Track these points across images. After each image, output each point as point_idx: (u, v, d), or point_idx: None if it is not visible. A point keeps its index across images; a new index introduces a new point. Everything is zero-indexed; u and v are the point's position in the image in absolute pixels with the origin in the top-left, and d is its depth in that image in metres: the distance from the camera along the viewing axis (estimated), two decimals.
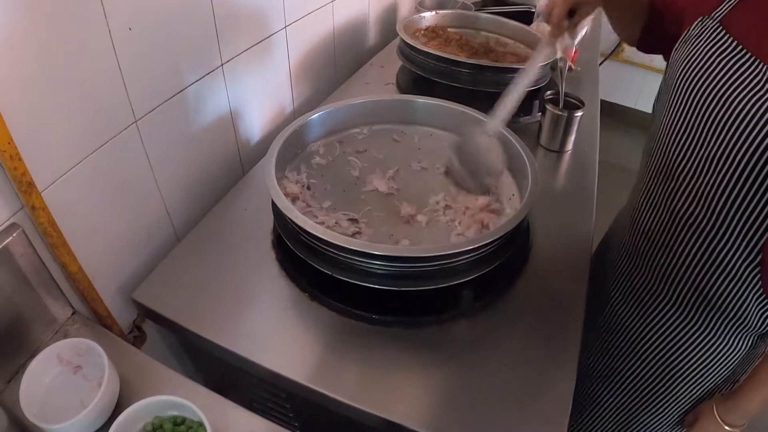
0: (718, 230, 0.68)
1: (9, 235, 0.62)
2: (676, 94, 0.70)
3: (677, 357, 0.82)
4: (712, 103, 0.64)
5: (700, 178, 0.68)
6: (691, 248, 0.73)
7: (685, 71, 0.69)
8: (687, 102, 0.68)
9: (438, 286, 0.75)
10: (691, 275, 0.75)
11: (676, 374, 0.84)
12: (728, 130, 0.62)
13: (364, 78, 1.40)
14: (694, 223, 0.71)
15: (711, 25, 0.67)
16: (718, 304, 0.74)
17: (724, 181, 0.65)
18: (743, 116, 0.60)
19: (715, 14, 0.67)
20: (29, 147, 0.61)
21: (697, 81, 0.66)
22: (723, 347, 0.78)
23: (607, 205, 1.19)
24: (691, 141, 0.68)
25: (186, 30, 0.83)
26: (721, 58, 0.64)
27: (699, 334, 0.79)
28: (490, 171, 0.85)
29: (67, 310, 0.73)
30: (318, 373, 0.70)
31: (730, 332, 0.76)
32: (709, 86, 0.65)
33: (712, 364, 0.80)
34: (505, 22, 1.52)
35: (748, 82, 0.60)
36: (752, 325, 0.74)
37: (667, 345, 0.83)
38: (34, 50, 0.60)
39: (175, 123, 0.87)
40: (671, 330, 0.81)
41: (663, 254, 0.78)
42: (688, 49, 0.69)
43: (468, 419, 0.65)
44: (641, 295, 0.85)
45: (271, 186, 0.80)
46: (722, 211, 0.66)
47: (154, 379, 0.68)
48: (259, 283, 0.81)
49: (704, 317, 0.77)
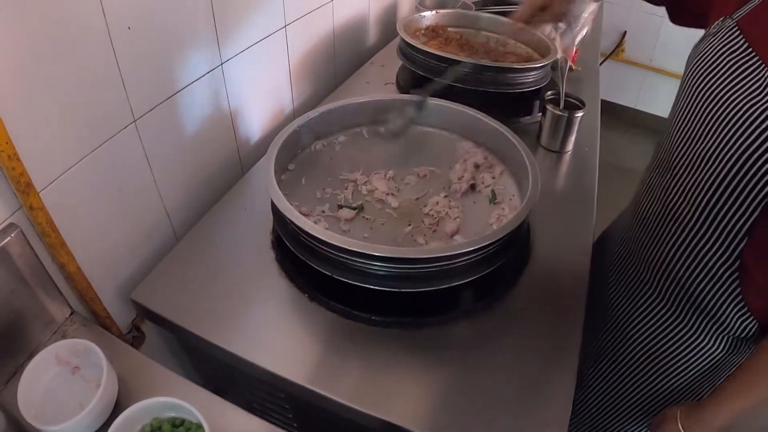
0: (700, 228, 0.69)
1: (7, 235, 0.62)
2: (687, 89, 0.71)
3: (660, 347, 0.84)
4: (712, 101, 0.65)
5: (692, 173, 0.69)
6: (676, 242, 0.74)
7: (696, 68, 0.69)
8: (692, 98, 0.69)
9: (438, 288, 0.74)
10: (675, 269, 0.76)
11: (657, 364, 0.85)
12: (722, 129, 0.63)
13: (364, 77, 1.40)
14: (683, 219, 0.72)
15: (729, 26, 0.67)
16: (698, 302, 0.75)
17: (711, 179, 0.66)
18: (738, 117, 0.61)
19: (735, 15, 0.67)
20: (27, 147, 0.61)
21: (703, 79, 0.67)
22: (701, 344, 0.79)
23: (607, 205, 1.19)
24: (690, 137, 0.70)
25: (185, 29, 0.83)
26: (730, 58, 0.64)
27: (680, 327, 0.80)
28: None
29: (65, 310, 0.73)
30: (317, 374, 0.69)
31: (709, 331, 0.77)
32: (713, 85, 0.65)
33: (689, 359, 0.81)
34: (506, 22, 1.51)
35: (749, 85, 0.61)
36: (730, 328, 0.74)
37: (650, 334, 0.84)
38: (33, 49, 0.60)
39: (174, 122, 0.87)
40: (655, 319, 0.83)
41: (654, 245, 0.80)
42: (703, 47, 0.70)
43: (468, 420, 0.65)
44: (632, 282, 0.87)
45: (270, 186, 0.80)
46: (706, 209, 0.68)
47: (152, 380, 0.68)
48: (258, 283, 0.81)
49: (685, 312, 0.78)
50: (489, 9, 1.68)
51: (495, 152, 1.02)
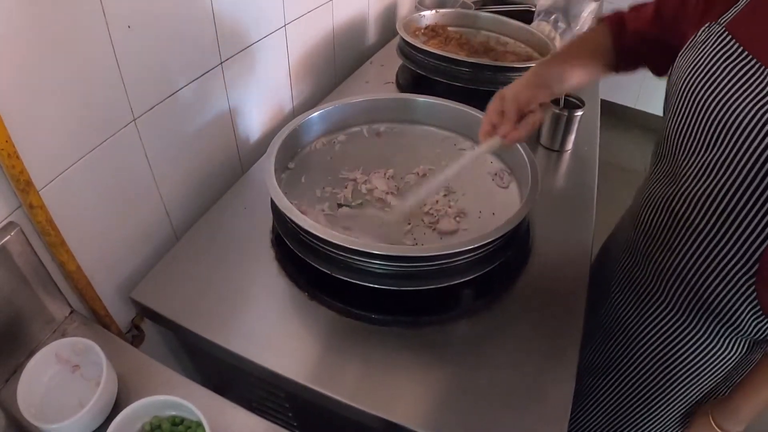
0: (715, 236, 0.68)
1: (7, 233, 0.62)
2: (682, 98, 0.69)
3: (673, 357, 0.82)
4: (716, 108, 0.63)
5: (703, 182, 0.67)
6: (688, 251, 0.72)
7: (691, 76, 0.68)
8: (693, 107, 0.67)
9: (438, 286, 0.74)
10: (687, 278, 0.74)
11: (671, 374, 0.84)
12: (731, 136, 0.62)
13: (364, 77, 1.40)
14: (695, 228, 0.70)
15: (717, 31, 0.66)
16: (713, 309, 0.73)
17: (725, 188, 0.64)
18: (747, 122, 0.59)
19: (722, 20, 0.66)
20: (27, 145, 0.61)
21: (702, 86, 0.66)
22: (718, 350, 0.78)
23: (606, 204, 1.19)
24: (696, 145, 0.68)
25: (185, 28, 0.83)
26: (727, 63, 0.63)
27: (694, 335, 0.79)
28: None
29: (65, 309, 0.73)
30: (317, 373, 0.69)
31: (725, 336, 0.76)
32: (714, 91, 0.64)
33: (706, 367, 0.80)
34: (505, 21, 1.52)
35: (753, 88, 0.60)
36: (747, 332, 0.73)
37: (663, 344, 0.83)
38: (33, 48, 0.60)
39: (174, 121, 0.87)
40: (668, 330, 0.81)
41: (663, 255, 0.78)
42: (694, 55, 0.68)
43: (468, 419, 0.65)
44: (640, 293, 0.85)
45: (270, 185, 0.80)
46: (720, 218, 0.66)
47: (152, 379, 0.68)
48: (258, 282, 0.81)
49: (700, 320, 0.77)
50: (488, 8, 1.68)
51: (495, 151, 1.02)
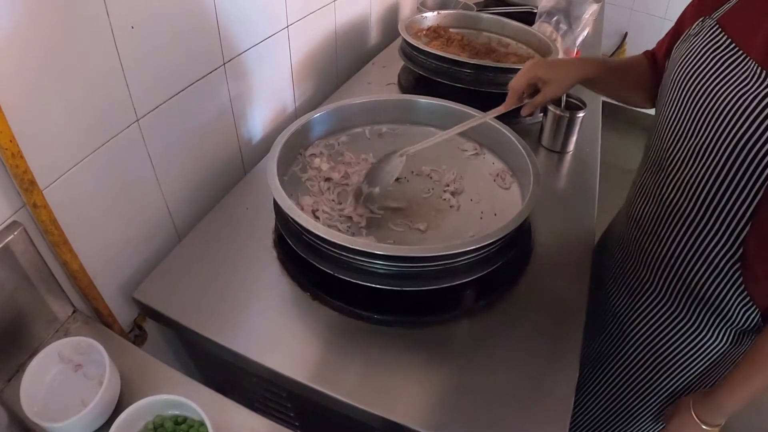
0: (700, 221, 0.70)
1: (10, 233, 0.62)
2: (673, 88, 0.73)
3: (662, 345, 0.84)
4: (702, 96, 0.67)
5: (688, 168, 0.70)
6: (676, 238, 0.75)
7: (682, 67, 0.71)
8: (682, 96, 0.71)
9: (440, 286, 0.75)
10: (675, 265, 0.77)
11: (660, 363, 0.85)
12: (715, 122, 0.65)
13: (366, 78, 1.40)
14: (681, 214, 0.73)
15: (709, 24, 0.70)
16: (701, 296, 0.75)
17: (708, 172, 0.67)
18: (729, 109, 0.63)
19: (715, 14, 0.70)
20: (31, 145, 0.61)
21: (691, 76, 0.69)
22: (705, 339, 0.79)
23: (608, 205, 1.19)
24: (682, 133, 0.71)
25: (188, 29, 0.83)
26: (715, 54, 0.67)
27: (683, 324, 0.80)
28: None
29: (67, 308, 0.73)
30: (319, 373, 0.70)
31: (713, 325, 0.78)
32: (702, 81, 0.67)
33: (693, 355, 0.81)
34: (507, 23, 1.52)
35: (737, 78, 0.63)
36: (735, 321, 0.75)
37: (653, 333, 0.84)
38: (37, 48, 0.60)
39: (177, 122, 0.87)
40: (657, 318, 0.83)
41: (652, 244, 0.80)
42: (686, 47, 0.72)
43: (469, 419, 0.65)
44: (632, 283, 0.87)
45: (273, 186, 0.80)
46: (705, 202, 0.69)
47: (155, 378, 0.68)
48: (260, 282, 0.81)
49: (689, 308, 0.78)
50: (490, 10, 1.68)
51: (496, 152, 1.02)
